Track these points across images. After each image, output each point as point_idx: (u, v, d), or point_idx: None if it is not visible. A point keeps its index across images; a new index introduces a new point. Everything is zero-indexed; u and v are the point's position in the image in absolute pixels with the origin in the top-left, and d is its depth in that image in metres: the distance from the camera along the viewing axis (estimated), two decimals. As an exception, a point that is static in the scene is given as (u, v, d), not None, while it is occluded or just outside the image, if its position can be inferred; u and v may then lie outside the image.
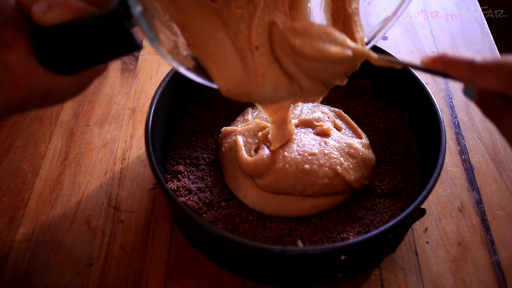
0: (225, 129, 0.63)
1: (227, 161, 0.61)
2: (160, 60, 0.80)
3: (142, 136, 0.68)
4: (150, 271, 0.55)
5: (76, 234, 0.58)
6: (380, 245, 0.51)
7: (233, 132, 0.62)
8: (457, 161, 0.67)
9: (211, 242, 0.53)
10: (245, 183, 0.58)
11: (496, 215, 0.61)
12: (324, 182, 0.56)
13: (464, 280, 0.55)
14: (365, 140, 0.62)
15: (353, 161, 0.58)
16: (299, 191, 0.56)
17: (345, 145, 0.59)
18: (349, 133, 0.63)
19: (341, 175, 0.56)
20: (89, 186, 0.63)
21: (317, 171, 0.56)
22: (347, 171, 0.57)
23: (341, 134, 0.61)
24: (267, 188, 0.57)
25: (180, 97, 0.65)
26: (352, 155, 0.58)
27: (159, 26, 0.40)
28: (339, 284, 0.55)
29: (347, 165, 0.57)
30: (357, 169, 0.58)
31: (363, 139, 0.62)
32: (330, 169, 0.56)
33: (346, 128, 0.64)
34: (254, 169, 0.57)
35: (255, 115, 0.66)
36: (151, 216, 0.60)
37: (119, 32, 0.36)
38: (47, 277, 0.54)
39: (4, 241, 0.57)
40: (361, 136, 0.63)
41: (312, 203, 0.57)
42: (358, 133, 0.63)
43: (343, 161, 0.57)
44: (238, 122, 0.65)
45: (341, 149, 0.58)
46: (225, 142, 0.62)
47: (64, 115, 0.71)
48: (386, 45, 0.83)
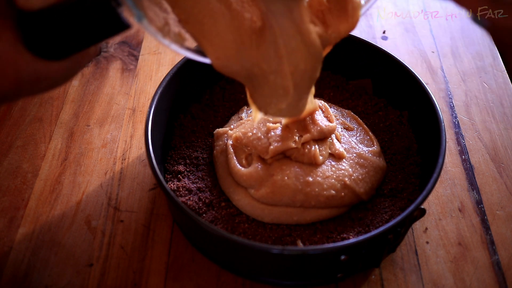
0: (218, 131, 0.62)
1: (218, 166, 0.60)
2: (160, 60, 0.80)
3: (142, 136, 0.68)
4: (150, 271, 0.55)
5: (76, 234, 0.58)
6: (380, 245, 0.51)
7: (225, 134, 0.61)
8: (457, 161, 0.67)
9: (211, 242, 0.53)
10: (237, 192, 0.57)
11: (496, 215, 0.61)
12: (330, 193, 0.54)
13: (464, 280, 0.55)
14: (376, 148, 0.60)
15: (363, 171, 0.56)
16: (300, 202, 0.54)
17: (355, 155, 0.57)
18: (359, 136, 0.62)
19: (349, 186, 0.54)
20: (89, 186, 0.63)
21: (321, 182, 0.54)
22: (356, 183, 0.55)
23: (351, 139, 0.60)
24: (263, 200, 0.55)
25: (180, 97, 0.65)
26: (362, 165, 0.57)
27: (147, 3, 0.39)
28: (339, 284, 0.55)
29: (357, 176, 0.55)
30: (367, 179, 0.56)
31: (374, 146, 0.60)
32: (338, 181, 0.54)
33: (357, 130, 0.62)
34: (248, 181, 0.56)
35: (250, 113, 0.64)
36: (151, 216, 0.60)
37: (105, 13, 0.35)
38: (47, 277, 0.54)
39: (4, 241, 0.57)
40: (373, 143, 0.61)
41: (314, 216, 0.55)
42: (370, 138, 0.61)
43: (352, 172, 0.55)
44: (233, 121, 0.64)
45: (351, 159, 0.57)
46: (217, 145, 0.61)
47: (64, 115, 0.71)
48: (386, 45, 0.83)
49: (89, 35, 0.37)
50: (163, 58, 0.80)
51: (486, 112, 0.73)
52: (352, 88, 0.70)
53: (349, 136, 0.61)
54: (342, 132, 0.61)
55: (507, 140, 0.69)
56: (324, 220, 0.56)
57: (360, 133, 0.63)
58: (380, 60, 0.66)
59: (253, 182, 0.56)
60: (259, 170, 0.55)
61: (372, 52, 0.66)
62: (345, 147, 0.59)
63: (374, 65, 0.67)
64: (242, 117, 0.64)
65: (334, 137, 0.59)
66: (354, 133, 0.62)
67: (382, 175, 0.59)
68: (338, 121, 0.63)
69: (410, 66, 0.63)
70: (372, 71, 0.68)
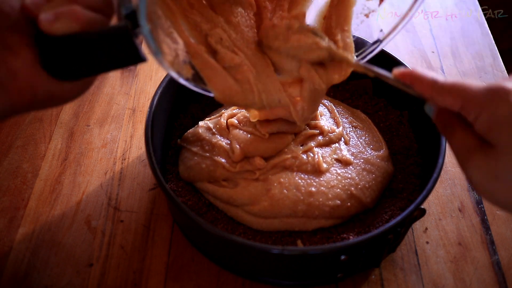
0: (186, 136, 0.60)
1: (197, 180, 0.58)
2: (160, 60, 0.80)
3: (142, 136, 0.68)
4: (150, 271, 0.55)
5: (76, 234, 0.58)
6: (380, 245, 0.51)
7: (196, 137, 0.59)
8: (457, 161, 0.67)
9: (211, 242, 0.53)
10: (231, 209, 0.55)
11: (496, 215, 0.61)
12: (335, 203, 0.52)
13: (464, 280, 0.55)
14: (384, 151, 0.58)
15: (370, 178, 0.55)
16: (302, 212, 0.53)
17: (362, 160, 0.56)
18: (368, 137, 0.60)
19: (356, 196, 0.53)
20: (89, 186, 0.63)
21: (326, 192, 0.52)
22: (363, 192, 0.54)
23: (360, 141, 0.59)
24: (260, 214, 0.54)
25: (180, 97, 0.65)
26: (369, 171, 0.55)
27: (162, 36, 0.41)
28: (339, 284, 0.55)
29: (363, 184, 0.54)
30: (374, 187, 0.55)
31: (383, 149, 0.59)
32: (343, 190, 0.53)
33: (366, 130, 0.61)
34: (240, 200, 0.54)
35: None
36: (151, 216, 0.60)
37: (125, 47, 0.37)
38: (47, 277, 0.54)
39: (4, 241, 0.57)
40: (382, 145, 0.59)
41: (317, 225, 0.54)
42: (379, 140, 0.60)
43: (358, 181, 0.54)
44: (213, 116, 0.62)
45: (358, 165, 0.55)
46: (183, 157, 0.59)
47: (64, 115, 0.71)
48: (386, 45, 0.83)
49: (106, 63, 0.38)
50: (163, 58, 0.80)
51: (486, 112, 0.73)
52: (352, 88, 0.70)
53: (357, 137, 0.60)
54: (351, 133, 0.60)
55: (507, 140, 0.69)
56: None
57: (369, 134, 0.61)
58: (380, 60, 0.66)
59: (245, 201, 0.54)
60: (249, 187, 0.54)
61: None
62: (352, 151, 0.57)
63: (374, 65, 0.67)
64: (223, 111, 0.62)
65: (342, 140, 0.58)
66: (363, 133, 0.61)
67: (389, 180, 0.58)
68: (347, 119, 0.62)
69: (410, 66, 0.63)
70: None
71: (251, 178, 0.55)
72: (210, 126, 0.59)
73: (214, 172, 0.56)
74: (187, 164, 0.58)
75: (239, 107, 0.51)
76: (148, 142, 0.53)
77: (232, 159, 0.55)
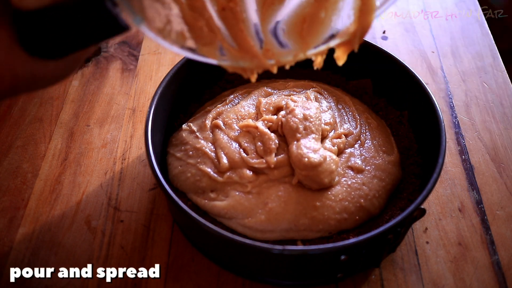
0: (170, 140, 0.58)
1: (184, 190, 0.56)
2: (160, 60, 0.80)
3: (142, 136, 0.68)
4: (150, 271, 0.55)
5: (76, 234, 0.58)
6: (380, 245, 0.51)
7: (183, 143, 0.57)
8: (457, 161, 0.67)
9: (211, 242, 0.53)
10: (226, 220, 0.54)
11: (496, 215, 0.61)
12: (342, 217, 0.51)
13: (464, 280, 0.55)
14: (395, 156, 0.57)
15: (380, 186, 0.53)
16: (304, 226, 0.51)
17: (373, 167, 0.54)
18: (380, 138, 0.59)
19: (365, 208, 0.51)
20: (89, 186, 0.63)
21: (333, 206, 0.50)
22: (372, 203, 0.52)
23: (373, 143, 0.57)
24: (257, 227, 0.52)
25: (180, 97, 0.65)
26: (380, 178, 0.54)
27: (148, 2, 0.37)
28: (339, 284, 0.55)
29: (373, 194, 0.52)
30: (384, 195, 0.53)
31: (394, 153, 0.57)
32: (352, 203, 0.51)
33: (379, 131, 0.60)
34: (231, 213, 0.52)
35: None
36: (151, 216, 0.60)
37: (100, 14, 0.35)
38: (47, 277, 0.54)
39: (4, 241, 0.57)
40: (393, 148, 0.57)
41: (319, 236, 0.52)
42: (390, 142, 0.58)
43: (368, 191, 0.52)
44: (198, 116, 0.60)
45: (369, 172, 0.53)
46: (169, 164, 0.57)
47: (64, 115, 0.71)
48: (386, 45, 0.83)
49: (85, 36, 0.37)
50: (163, 58, 0.80)
51: (486, 112, 0.73)
52: (352, 88, 0.70)
53: (371, 138, 0.59)
54: (366, 132, 0.59)
55: (507, 140, 0.69)
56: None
57: (381, 135, 0.60)
58: (380, 60, 0.66)
59: (239, 214, 0.52)
60: (242, 200, 0.52)
61: (372, 52, 0.66)
62: (365, 155, 0.56)
63: (374, 65, 0.67)
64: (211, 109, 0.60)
65: (358, 142, 0.56)
66: (377, 133, 0.60)
67: (396, 185, 0.57)
68: (363, 115, 0.60)
69: (410, 66, 0.63)
70: (372, 71, 0.68)
71: (242, 191, 0.53)
72: (193, 129, 0.58)
73: (200, 181, 0.54)
74: (172, 172, 0.57)
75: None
76: (148, 142, 0.53)
77: (218, 169, 0.54)
